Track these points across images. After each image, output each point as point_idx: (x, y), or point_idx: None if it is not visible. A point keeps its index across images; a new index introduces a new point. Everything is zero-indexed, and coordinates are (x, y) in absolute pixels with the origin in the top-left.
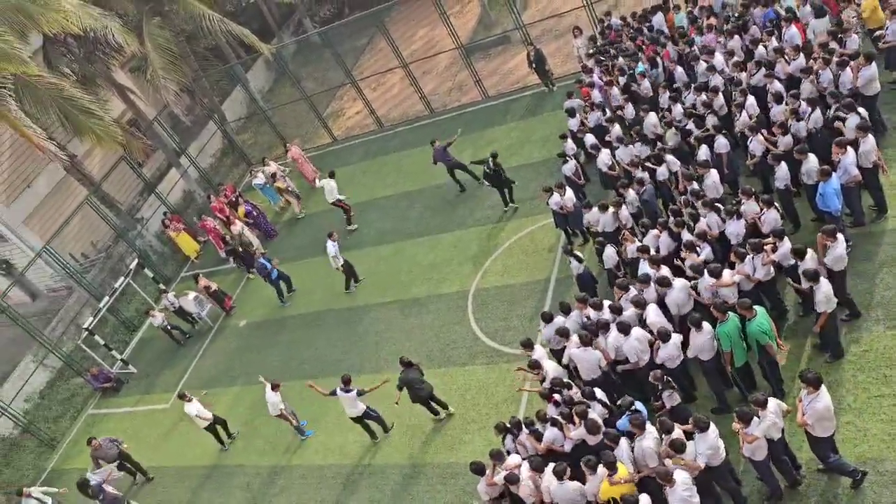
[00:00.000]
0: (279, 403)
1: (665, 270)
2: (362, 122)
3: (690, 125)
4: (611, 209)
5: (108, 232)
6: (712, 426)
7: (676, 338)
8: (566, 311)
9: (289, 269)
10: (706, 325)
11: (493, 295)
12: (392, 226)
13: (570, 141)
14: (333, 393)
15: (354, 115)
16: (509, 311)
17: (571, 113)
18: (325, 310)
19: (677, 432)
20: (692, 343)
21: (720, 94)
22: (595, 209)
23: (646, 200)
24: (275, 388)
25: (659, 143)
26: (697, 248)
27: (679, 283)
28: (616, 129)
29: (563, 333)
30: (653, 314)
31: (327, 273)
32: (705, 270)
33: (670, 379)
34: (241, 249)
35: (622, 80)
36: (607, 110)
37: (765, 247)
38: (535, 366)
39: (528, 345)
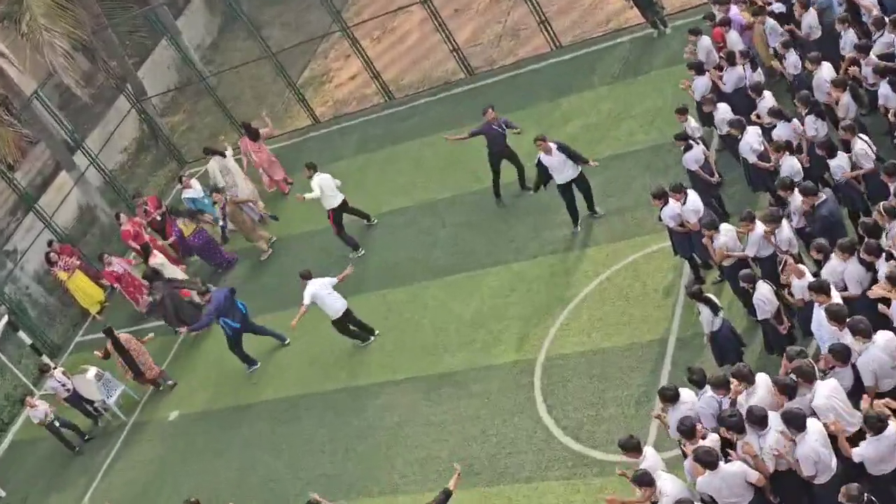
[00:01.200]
0: None
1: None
2: (360, 92)
3: (885, 87)
4: (759, 225)
5: None
6: None
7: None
8: (698, 381)
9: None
10: None
11: (576, 366)
12: (408, 255)
13: (692, 120)
14: None
15: (347, 83)
16: (601, 393)
17: (698, 69)
18: (307, 393)
19: None
20: None
21: None
22: (729, 226)
23: (823, 214)
24: None
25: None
26: None
27: (882, 338)
28: (768, 98)
29: (688, 432)
30: (831, 389)
31: (310, 330)
32: None
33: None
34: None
35: (776, 5)
36: (759, 65)
37: None
38: (645, 481)
39: (633, 447)
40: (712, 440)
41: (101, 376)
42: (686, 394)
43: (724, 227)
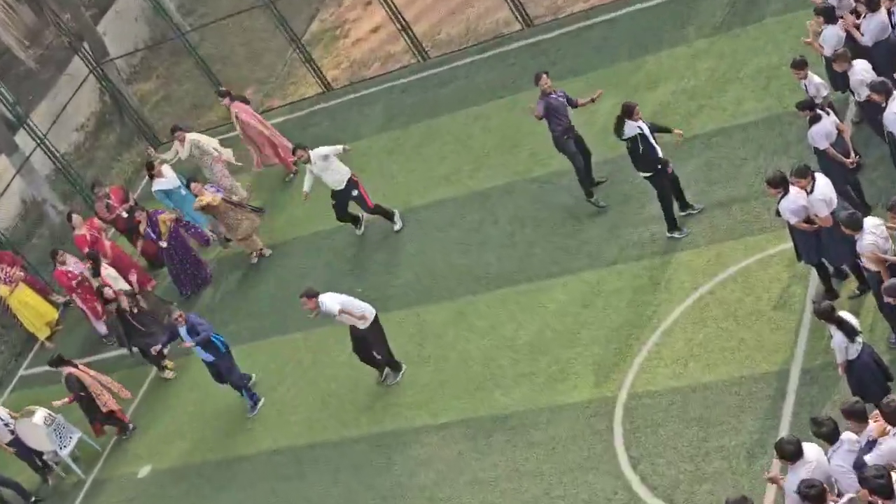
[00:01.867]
0: None
1: None
2: (384, 49)
3: None
4: None
5: None
6: None
7: None
8: (829, 435)
9: (240, 358)
10: None
11: (668, 407)
12: (449, 262)
13: (815, 77)
14: None
15: (367, 38)
16: (702, 442)
17: (828, 15)
18: (317, 442)
19: None
20: None
21: None
22: (876, 220)
23: None
24: None
25: None
26: None
27: None
28: None
29: (814, 499)
30: None
31: (321, 358)
32: None
33: None
34: (135, 312)
35: None
36: None
37: None
38: None
39: None
40: None
41: (51, 421)
42: (812, 450)
43: (869, 221)
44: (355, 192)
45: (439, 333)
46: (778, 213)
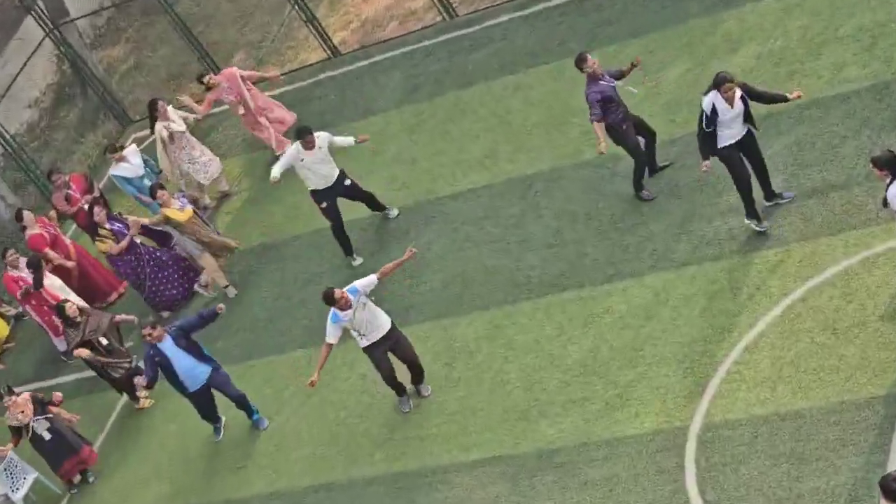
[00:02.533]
0: None
1: None
2: (402, 6)
3: None
4: None
5: None
6: None
7: None
8: None
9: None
10: None
11: (752, 440)
12: (484, 264)
13: None
14: None
15: None
16: (794, 482)
17: None
18: (321, 484)
19: None
20: None
21: None
22: None
23: None
24: None
25: None
26: None
27: None
28: None
29: None
30: None
31: (327, 382)
32: None
33: None
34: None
35: None
36: None
37: None
38: None
39: None
40: None
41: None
42: None
43: None
44: (348, 181)
45: (471, 351)
46: (885, 203)
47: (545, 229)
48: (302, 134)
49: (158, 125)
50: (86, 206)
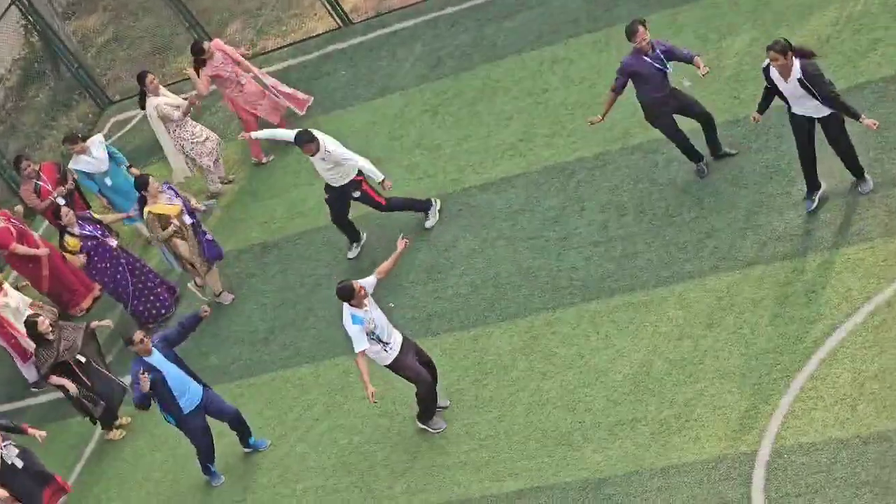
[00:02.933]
0: None
1: None
2: None
3: None
4: None
5: None
6: None
7: None
8: None
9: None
10: None
11: (830, 466)
12: (518, 266)
13: None
14: None
15: None
16: None
17: None
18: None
19: None
20: None
21: None
22: None
23: None
24: None
25: None
26: None
27: None
28: None
29: None
30: None
31: (338, 401)
32: None
33: None
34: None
35: None
36: None
37: None
38: None
39: None
40: None
41: None
42: None
43: None
44: (357, 194)
45: (505, 365)
46: None
47: (589, 224)
48: (300, 142)
49: (153, 101)
50: (60, 200)
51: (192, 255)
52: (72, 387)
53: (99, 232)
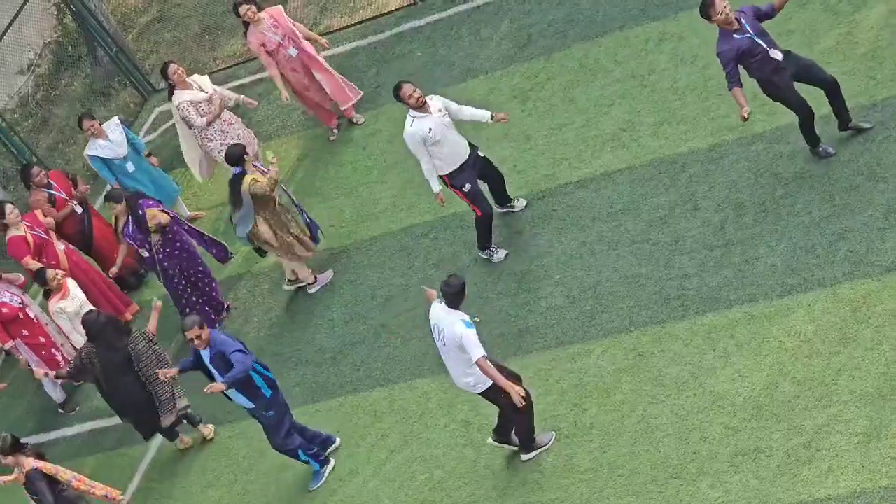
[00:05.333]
0: None
1: None
2: None
3: None
4: None
5: None
6: None
7: None
8: None
9: None
10: None
11: None
12: (622, 274)
13: None
14: None
15: None
16: None
17: None
18: None
19: None
20: None
21: None
22: None
23: None
24: None
25: None
26: None
27: None
28: None
29: None
30: None
31: (417, 430)
32: None
33: None
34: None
35: None
36: None
37: None
38: None
39: None
40: None
41: None
42: None
43: None
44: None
45: (608, 388)
46: None
47: (703, 225)
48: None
49: (176, 97)
50: (77, 209)
51: (279, 238)
52: (172, 372)
53: (142, 230)
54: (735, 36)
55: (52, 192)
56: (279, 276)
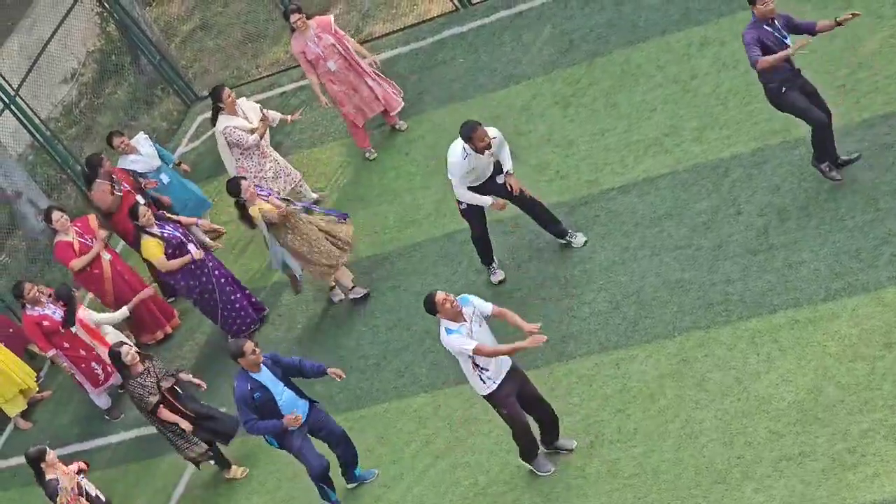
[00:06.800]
0: None
1: None
2: None
3: None
4: None
5: None
6: None
7: None
8: None
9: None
10: None
11: None
12: (664, 280)
13: None
14: None
15: None
16: None
17: None
18: None
19: None
20: None
21: None
22: None
23: None
24: None
25: None
26: None
27: None
28: None
29: None
30: None
31: (461, 436)
32: None
33: None
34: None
35: None
36: None
37: None
38: None
39: None
40: None
41: None
42: None
43: None
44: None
45: (652, 393)
46: None
47: (747, 230)
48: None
49: (222, 121)
50: (139, 198)
51: (312, 251)
52: (185, 424)
53: (180, 231)
54: (766, 27)
55: (115, 185)
56: (324, 284)
